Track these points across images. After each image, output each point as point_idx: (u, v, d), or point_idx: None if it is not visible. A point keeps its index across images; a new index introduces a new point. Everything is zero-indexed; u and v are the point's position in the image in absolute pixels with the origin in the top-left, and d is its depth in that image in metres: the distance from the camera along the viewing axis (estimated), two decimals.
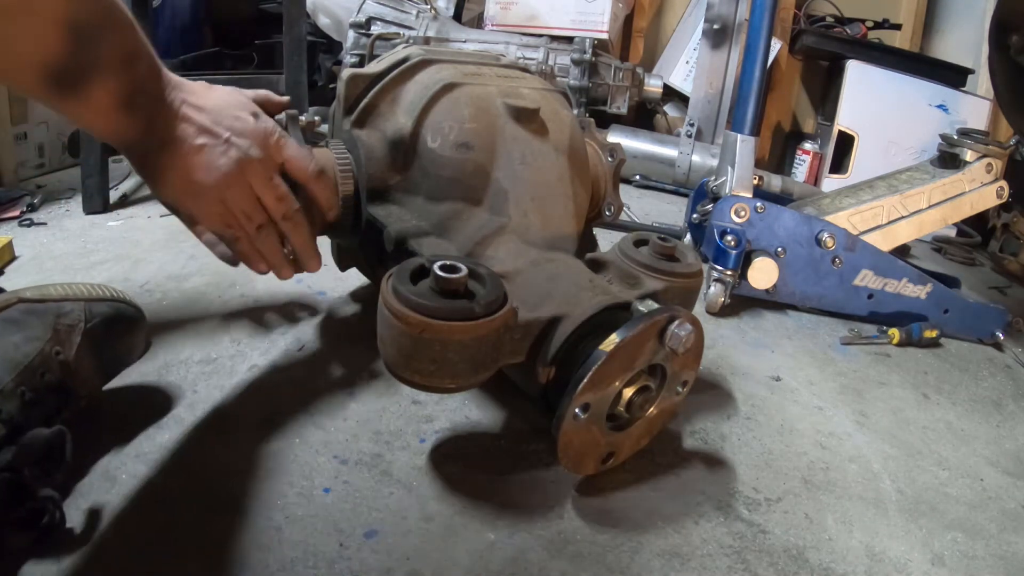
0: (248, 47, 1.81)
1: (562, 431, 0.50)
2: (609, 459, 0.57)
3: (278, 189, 0.58)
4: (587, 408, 0.50)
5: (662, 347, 0.52)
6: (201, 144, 0.53)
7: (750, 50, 1.02)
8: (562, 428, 0.50)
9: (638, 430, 0.58)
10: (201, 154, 0.53)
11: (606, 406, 0.53)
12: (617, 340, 0.49)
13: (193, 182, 0.54)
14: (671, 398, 0.58)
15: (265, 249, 0.61)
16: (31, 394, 0.50)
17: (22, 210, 1.03)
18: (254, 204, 0.58)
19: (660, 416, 0.59)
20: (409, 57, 0.69)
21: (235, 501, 0.52)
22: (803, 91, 2.08)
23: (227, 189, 0.55)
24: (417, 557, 0.49)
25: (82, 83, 0.44)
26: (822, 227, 0.97)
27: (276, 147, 0.58)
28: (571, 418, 0.50)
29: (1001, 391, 0.90)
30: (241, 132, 0.55)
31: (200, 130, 0.53)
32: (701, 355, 0.58)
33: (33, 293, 0.56)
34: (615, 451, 0.57)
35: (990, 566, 0.58)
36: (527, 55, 1.67)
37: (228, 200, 0.56)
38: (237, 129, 0.55)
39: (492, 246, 0.60)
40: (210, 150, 0.53)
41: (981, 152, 1.09)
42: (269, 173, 0.57)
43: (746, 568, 0.52)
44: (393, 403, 0.66)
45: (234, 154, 0.54)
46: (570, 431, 0.51)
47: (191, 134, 0.52)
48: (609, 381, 0.51)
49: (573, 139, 0.69)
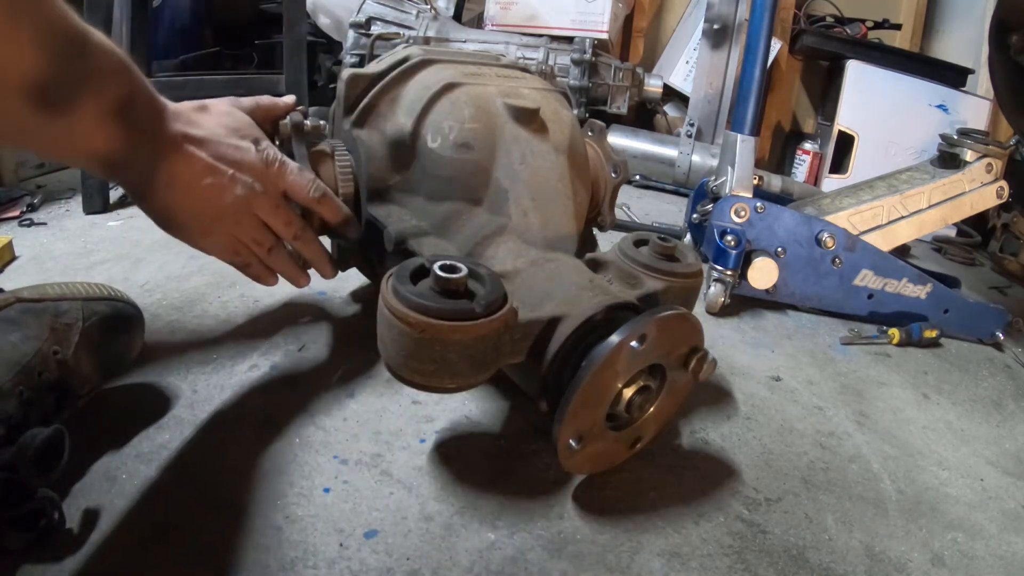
0: (248, 47, 1.81)
1: (567, 466, 0.52)
2: (637, 444, 0.58)
3: (285, 215, 0.59)
4: (581, 438, 0.51)
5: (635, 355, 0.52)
6: (208, 184, 0.53)
7: (750, 50, 1.02)
8: (565, 464, 0.51)
9: (658, 410, 0.58)
10: (207, 195, 0.53)
11: (601, 424, 0.53)
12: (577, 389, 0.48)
13: (201, 222, 0.55)
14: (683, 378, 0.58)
15: (278, 267, 0.63)
16: (29, 393, 0.50)
17: (22, 210, 1.03)
18: (262, 231, 0.59)
19: (681, 391, 0.59)
20: (409, 57, 0.68)
21: (235, 501, 0.52)
22: (803, 91, 2.08)
23: (236, 225, 0.56)
24: (417, 557, 0.49)
25: (71, 97, 0.42)
26: (822, 227, 0.97)
27: (278, 175, 0.57)
28: (567, 452, 0.51)
29: (1001, 391, 0.90)
30: (244, 166, 0.55)
31: (204, 169, 0.52)
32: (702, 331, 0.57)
33: (31, 292, 0.56)
34: (641, 435, 0.58)
35: (990, 566, 0.58)
36: (527, 55, 1.67)
37: (236, 234, 0.57)
38: (240, 163, 0.54)
39: (492, 246, 0.60)
40: (216, 190, 0.53)
41: (981, 152, 1.09)
42: (275, 202, 0.58)
43: (746, 568, 0.52)
44: (393, 403, 0.66)
45: (240, 192, 0.54)
46: (570, 461, 0.52)
47: (196, 173, 0.52)
48: (592, 407, 0.51)
49: (573, 139, 0.69)
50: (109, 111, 0.45)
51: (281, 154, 0.59)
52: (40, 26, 0.39)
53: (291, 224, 0.60)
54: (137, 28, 1.13)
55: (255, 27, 1.88)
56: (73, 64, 0.41)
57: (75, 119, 0.43)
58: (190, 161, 0.52)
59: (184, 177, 0.52)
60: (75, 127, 0.44)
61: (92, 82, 0.43)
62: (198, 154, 0.52)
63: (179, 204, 0.53)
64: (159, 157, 0.50)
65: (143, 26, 1.17)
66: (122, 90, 0.46)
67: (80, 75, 0.42)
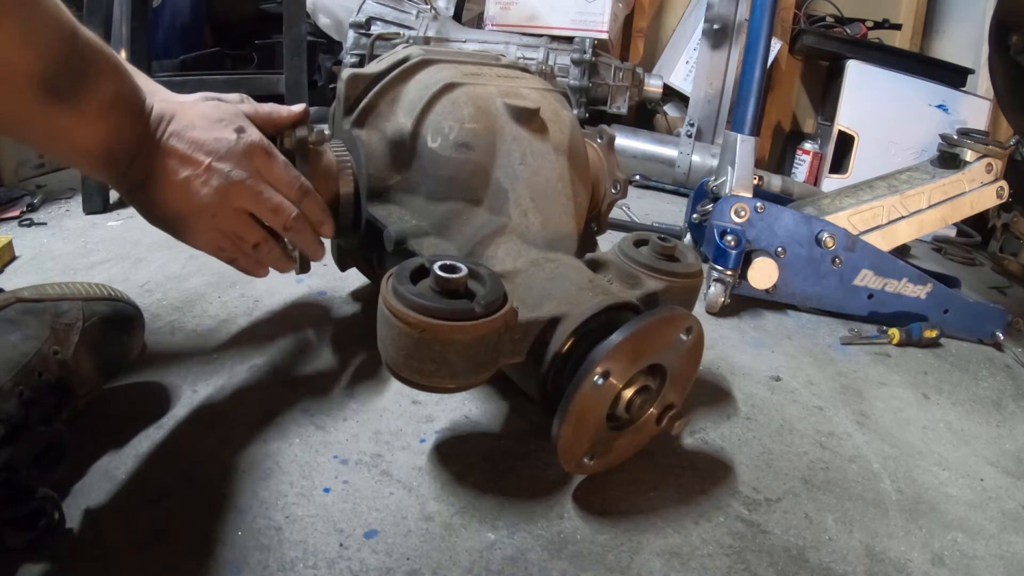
0: (248, 47, 1.81)
1: (579, 394, 0.48)
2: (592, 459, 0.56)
3: (270, 201, 0.56)
4: (607, 375, 0.49)
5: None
6: (184, 177, 0.51)
7: (750, 50, 1.02)
8: (579, 392, 0.48)
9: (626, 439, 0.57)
10: (183, 186, 0.51)
11: (621, 384, 0.52)
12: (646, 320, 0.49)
13: (179, 215, 0.53)
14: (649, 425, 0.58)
15: (267, 261, 0.61)
16: (29, 394, 0.50)
17: (22, 210, 1.03)
18: (246, 225, 0.56)
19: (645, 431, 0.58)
20: (409, 57, 0.68)
21: (235, 501, 0.52)
22: (803, 91, 2.08)
23: (213, 218, 0.54)
24: (417, 557, 0.49)
25: (76, 89, 0.43)
26: (822, 227, 0.97)
27: (262, 164, 0.55)
28: (591, 385, 0.48)
29: (1001, 391, 0.90)
30: (222, 154, 0.52)
31: (181, 160, 0.51)
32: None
33: (31, 293, 0.56)
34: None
35: (990, 566, 0.58)
36: (527, 55, 1.67)
37: (218, 226, 0.55)
38: (217, 151, 0.52)
39: (492, 246, 0.60)
40: (191, 181, 0.51)
41: (981, 152, 1.09)
42: (258, 189, 0.55)
43: (746, 568, 0.52)
44: (393, 403, 0.66)
45: (215, 182, 0.52)
46: (588, 394, 0.49)
47: (172, 167, 0.51)
48: (630, 360, 0.51)
49: (573, 139, 0.69)
50: (107, 104, 0.46)
51: (267, 142, 0.56)
52: (46, 18, 0.40)
53: (279, 211, 0.56)
54: (137, 28, 1.13)
55: (255, 27, 1.87)
56: (77, 56, 0.42)
57: (79, 111, 0.44)
58: (168, 153, 0.51)
59: (162, 170, 0.51)
60: (79, 118, 0.44)
61: (93, 74, 0.44)
62: (177, 146, 0.51)
63: (160, 199, 0.52)
64: (142, 151, 0.50)
65: (143, 26, 1.17)
66: (118, 84, 0.46)
67: (83, 67, 0.43)
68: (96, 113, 0.46)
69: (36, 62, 0.40)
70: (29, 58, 0.40)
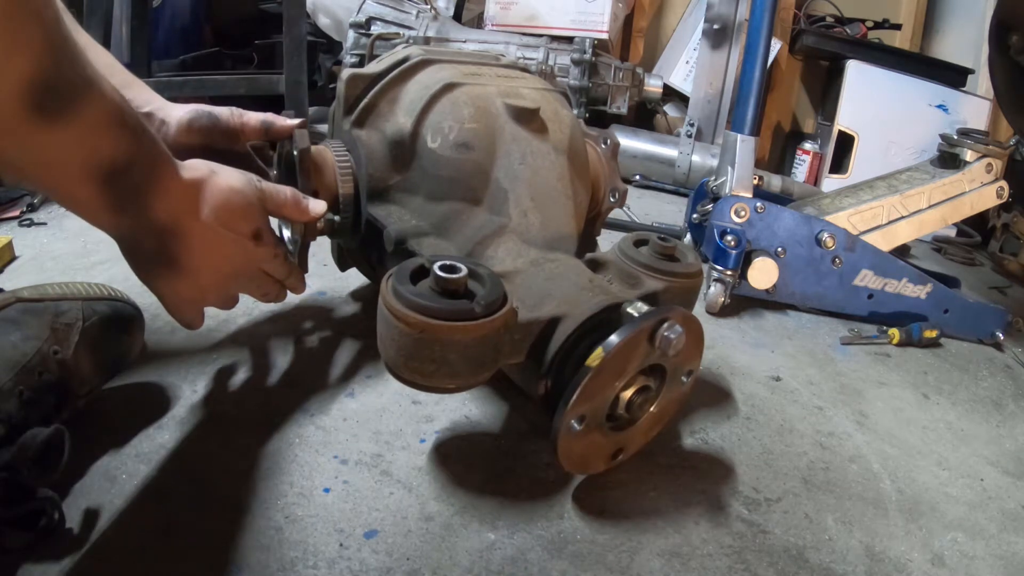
0: (248, 47, 1.81)
1: (560, 443, 0.50)
2: (619, 455, 0.57)
3: (261, 290, 0.60)
4: (583, 419, 0.51)
5: (654, 350, 0.52)
6: (199, 284, 0.53)
7: (750, 50, 1.02)
8: (559, 441, 0.50)
9: (646, 423, 0.57)
10: (202, 291, 0.54)
11: (603, 412, 0.53)
12: (603, 355, 0.48)
13: (192, 305, 0.55)
14: (677, 388, 0.58)
15: (272, 299, 0.64)
16: (29, 393, 0.50)
17: (22, 210, 1.03)
18: (234, 299, 0.60)
19: (669, 406, 0.59)
20: (409, 57, 0.68)
21: (235, 501, 0.52)
22: (803, 91, 2.08)
23: (229, 301, 0.59)
24: (417, 557, 0.49)
25: (72, 101, 0.38)
26: (822, 227, 0.97)
27: (267, 262, 0.57)
28: (567, 431, 0.50)
29: (1001, 391, 0.90)
30: (238, 267, 0.55)
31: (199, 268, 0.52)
32: (702, 344, 0.58)
33: (31, 292, 0.56)
34: (624, 447, 0.57)
35: (990, 566, 0.58)
36: (527, 55, 1.66)
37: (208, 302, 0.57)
38: (233, 271, 0.55)
39: (492, 246, 0.60)
40: (210, 290, 0.54)
41: (981, 152, 1.09)
42: (255, 284, 0.59)
43: (746, 568, 0.52)
44: (393, 403, 0.66)
45: (233, 291, 0.58)
46: (568, 442, 0.51)
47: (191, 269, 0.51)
48: (603, 390, 0.51)
49: (573, 139, 0.69)
50: (110, 118, 0.42)
51: (276, 241, 0.58)
52: (39, 30, 0.36)
53: (266, 296, 0.62)
54: (137, 28, 1.13)
55: (255, 27, 1.87)
56: (72, 71, 0.38)
57: (70, 130, 0.39)
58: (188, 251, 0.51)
59: (179, 268, 0.52)
60: (69, 139, 0.40)
61: (87, 92, 0.40)
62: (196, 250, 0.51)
63: (174, 289, 0.53)
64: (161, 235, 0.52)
65: (143, 26, 1.17)
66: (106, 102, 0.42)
67: (77, 84, 0.39)
68: (88, 130, 0.41)
69: (43, 67, 0.36)
70: (34, 62, 0.36)
